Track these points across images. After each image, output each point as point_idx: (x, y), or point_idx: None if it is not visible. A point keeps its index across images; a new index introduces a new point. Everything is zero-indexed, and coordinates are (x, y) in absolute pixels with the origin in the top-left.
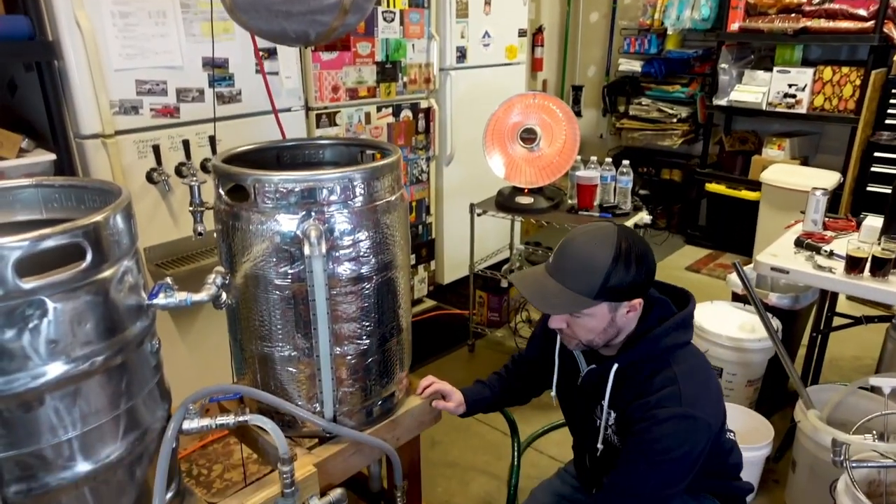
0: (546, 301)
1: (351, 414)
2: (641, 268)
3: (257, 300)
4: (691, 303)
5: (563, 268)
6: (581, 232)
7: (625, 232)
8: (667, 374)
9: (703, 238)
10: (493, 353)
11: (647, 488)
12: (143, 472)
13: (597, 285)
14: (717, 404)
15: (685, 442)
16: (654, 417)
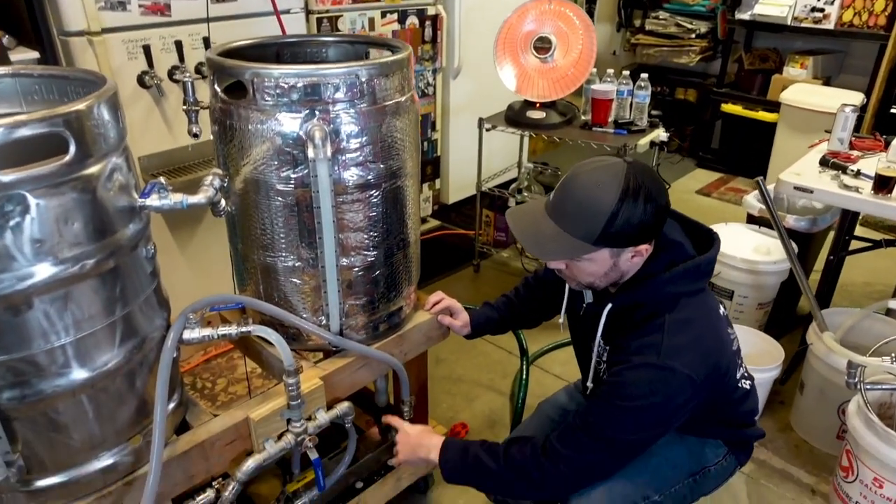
0: (539, 245)
1: (357, 328)
2: (650, 211)
3: (258, 207)
4: (713, 248)
5: (562, 208)
6: (586, 168)
7: (635, 169)
8: (657, 321)
9: (715, 161)
10: (498, 273)
11: (611, 431)
12: (144, 382)
13: (597, 230)
14: (707, 359)
15: (655, 392)
16: (629, 362)
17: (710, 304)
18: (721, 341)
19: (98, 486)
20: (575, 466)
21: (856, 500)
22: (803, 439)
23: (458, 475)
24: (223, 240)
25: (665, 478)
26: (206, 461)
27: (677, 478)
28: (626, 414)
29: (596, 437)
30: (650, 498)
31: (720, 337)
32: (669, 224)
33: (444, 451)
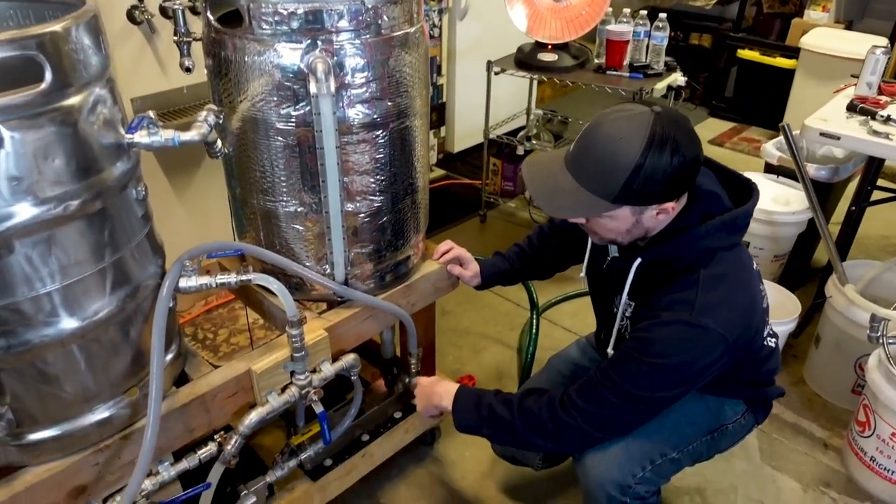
0: (554, 201)
1: (363, 277)
2: (677, 167)
3: (257, 148)
4: (752, 199)
5: (581, 161)
6: (609, 118)
7: (664, 120)
8: (691, 277)
9: (728, 110)
10: (505, 224)
11: (635, 387)
12: (139, 332)
13: (617, 187)
14: (742, 318)
15: (685, 350)
16: (659, 318)
17: (745, 259)
18: (755, 299)
19: (94, 440)
20: (593, 421)
21: (871, 454)
22: (816, 393)
23: (470, 424)
24: (222, 185)
25: (683, 435)
26: (207, 414)
27: (695, 435)
28: (652, 371)
29: (617, 393)
30: (668, 455)
31: (754, 294)
32: (704, 173)
33: (457, 399)
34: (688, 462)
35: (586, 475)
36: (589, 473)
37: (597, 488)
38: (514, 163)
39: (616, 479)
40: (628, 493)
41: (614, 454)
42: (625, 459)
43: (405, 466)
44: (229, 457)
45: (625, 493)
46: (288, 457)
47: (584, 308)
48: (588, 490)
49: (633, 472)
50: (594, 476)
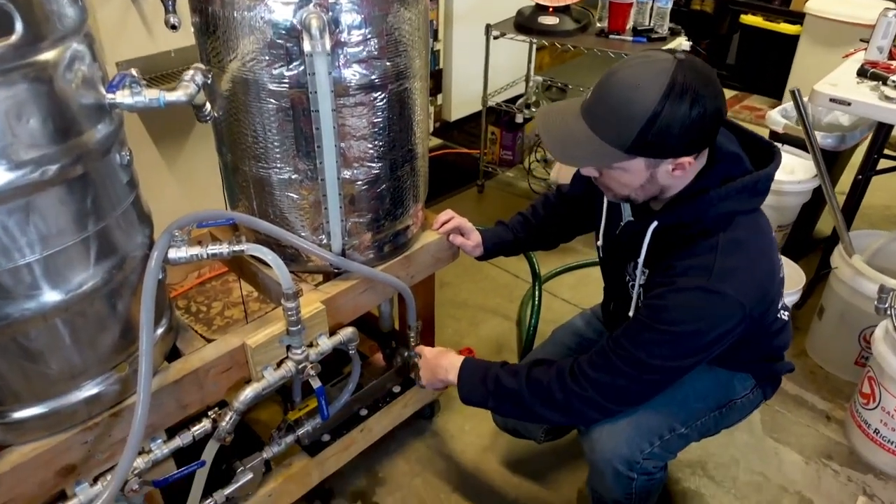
0: (566, 149)
1: (361, 248)
2: (696, 119)
3: (248, 111)
4: (774, 162)
5: (596, 109)
6: (628, 64)
7: (685, 68)
8: (709, 241)
9: (730, 78)
10: (503, 194)
11: (648, 356)
12: (127, 306)
13: (630, 137)
14: (761, 285)
15: (701, 318)
16: (674, 284)
17: (765, 225)
18: (774, 267)
19: (82, 418)
20: (604, 391)
21: (875, 427)
22: (819, 365)
23: (475, 396)
24: (214, 152)
25: (692, 409)
26: (201, 390)
27: (704, 410)
28: (666, 339)
29: (630, 362)
30: (676, 430)
31: (773, 262)
32: (725, 135)
33: (462, 372)
34: (696, 437)
35: (593, 450)
36: (596, 448)
37: (604, 464)
38: (512, 131)
39: (624, 454)
40: (636, 468)
41: (622, 428)
42: (633, 434)
43: (404, 440)
44: (224, 434)
45: (632, 468)
46: (285, 432)
47: (585, 280)
48: (594, 465)
49: (642, 447)
50: (601, 451)
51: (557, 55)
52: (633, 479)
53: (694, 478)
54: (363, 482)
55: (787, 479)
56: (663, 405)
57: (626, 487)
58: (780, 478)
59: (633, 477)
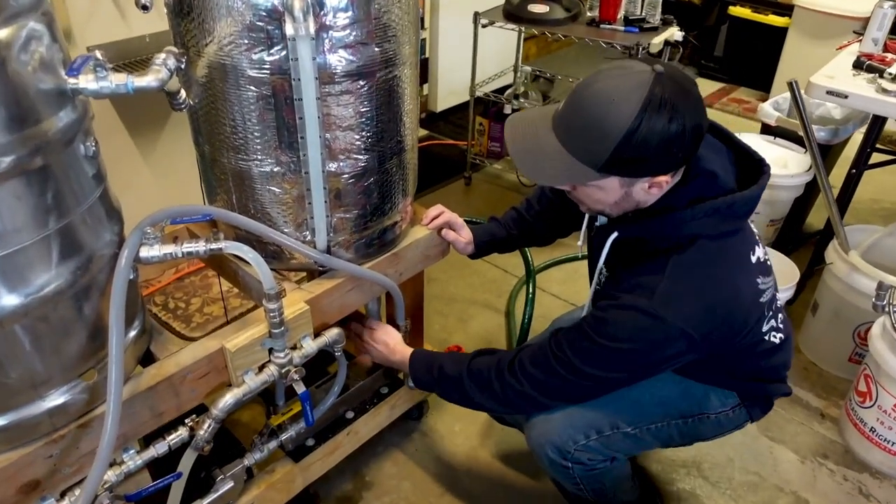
0: (535, 165)
1: (347, 244)
2: (674, 136)
3: (227, 99)
4: (758, 184)
5: (568, 123)
6: (603, 76)
7: (664, 82)
8: (661, 261)
9: (718, 71)
10: (491, 186)
11: (584, 364)
12: (95, 308)
13: (604, 156)
14: (713, 312)
15: (638, 339)
16: (618, 300)
17: (736, 248)
18: (738, 293)
19: (46, 430)
20: (538, 388)
21: (871, 425)
22: (812, 362)
23: (425, 385)
24: (192, 145)
25: (644, 413)
26: (177, 397)
27: (661, 415)
28: (602, 352)
29: (566, 366)
30: (621, 429)
31: (737, 288)
32: (713, 147)
33: (412, 363)
34: (653, 442)
35: (529, 435)
36: (531, 434)
37: (538, 448)
38: (501, 122)
39: (555, 442)
40: (568, 457)
41: (558, 419)
42: (566, 425)
43: (392, 442)
44: (202, 443)
45: (565, 457)
46: (267, 438)
47: (574, 275)
48: (533, 451)
49: (575, 438)
50: (535, 437)
51: (544, 45)
52: (569, 467)
53: (689, 478)
54: (349, 486)
55: (783, 478)
56: (610, 403)
57: (564, 474)
58: (775, 477)
59: (567, 465)
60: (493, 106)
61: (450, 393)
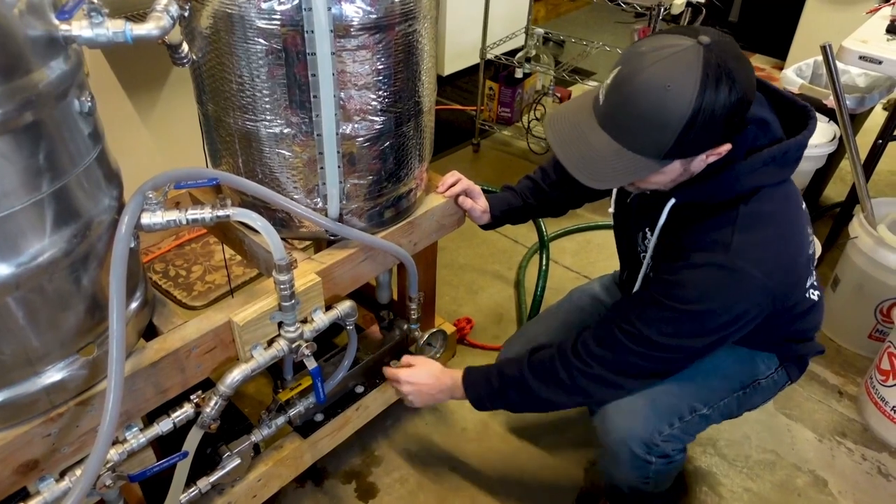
0: (591, 169)
1: (360, 212)
2: (736, 104)
3: (233, 53)
4: (808, 128)
5: (619, 119)
6: (648, 61)
7: (715, 54)
8: (729, 214)
9: (733, 37)
10: (500, 154)
11: (658, 335)
12: (94, 279)
13: (668, 144)
14: (786, 262)
15: (717, 297)
16: (689, 259)
17: (794, 196)
18: (802, 242)
19: (44, 408)
20: (610, 367)
21: (893, 404)
22: (829, 338)
23: (486, 400)
24: (195, 105)
25: (714, 389)
26: (182, 373)
27: (727, 390)
28: (677, 318)
29: (637, 340)
30: (698, 411)
31: (801, 236)
32: (756, 97)
33: (466, 386)
34: (717, 419)
35: (607, 431)
36: (611, 429)
37: (618, 445)
38: (511, 86)
39: (641, 435)
40: (654, 451)
41: (639, 407)
42: (651, 415)
43: (401, 416)
44: (209, 420)
45: (650, 450)
46: (275, 414)
47: (587, 246)
48: (608, 447)
49: (660, 428)
50: (616, 431)
51: (553, 8)
52: (651, 462)
53: (705, 456)
54: (358, 461)
55: (801, 457)
56: (683, 385)
57: (642, 471)
58: (793, 456)
59: (650, 461)
60: (504, 70)
61: (515, 399)
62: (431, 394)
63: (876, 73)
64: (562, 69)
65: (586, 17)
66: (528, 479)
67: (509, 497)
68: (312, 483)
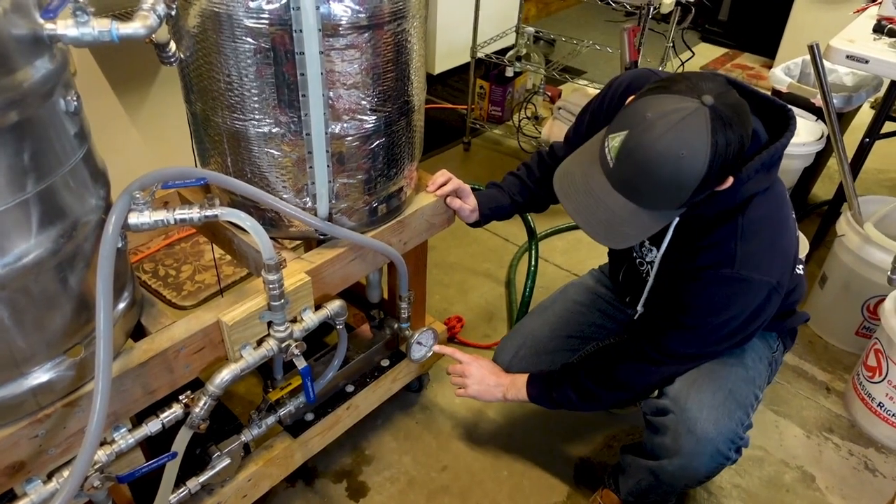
0: (615, 233)
1: (350, 212)
2: (738, 147)
3: (221, 52)
4: (789, 129)
5: (634, 185)
6: (658, 129)
7: (719, 106)
8: (730, 226)
9: (722, 35)
10: (490, 152)
11: (686, 349)
12: (81, 279)
13: (685, 197)
14: (785, 257)
15: (732, 305)
16: (698, 277)
17: (779, 187)
18: (792, 231)
19: (30, 409)
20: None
21: (879, 400)
22: (817, 335)
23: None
24: (184, 104)
25: (759, 372)
26: (170, 373)
27: (763, 369)
28: (698, 334)
29: (681, 360)
30: (758, 396)
31: (790, 226)
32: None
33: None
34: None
35: (691, 429)
36: (697, 427)
37: (704, 444)
38: (502, 85)
39: (730, 428)
40: (738, 442)
41: (721, 402)
42: (734, 407)
43: (392, 415)
44: (198, 421)
45: (734, 443)
46: (265, 413)
47: (577, 245)
48: (689, 446)
49: (742, 420)
50: (703, 429)
51: (543, 7)
52: (731, 459)
53: None
54: (349, 460)
55: (789, 453)
56: (740, 373)
57: (713, 471)
58: (781, 452)
59: (730, 457)
60: (495, 68)
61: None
62: (489, 386)
63: (863, 73)
64: (552, 68)
65: (577, 15)
66: (519, 474)
67: (500, 492)
68: (303, 482)
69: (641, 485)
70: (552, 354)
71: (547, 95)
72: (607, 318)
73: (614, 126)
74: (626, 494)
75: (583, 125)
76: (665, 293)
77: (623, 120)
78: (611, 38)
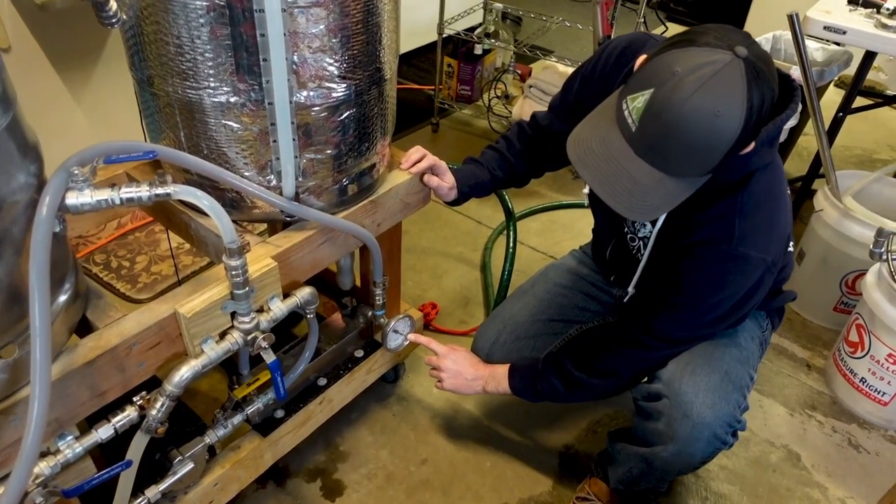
0: (641, 204)
1: (319, 191)
2: (770, 104)
3: (170, 11)
4: (793, 102)
5: (661, 149)
6: (689, 85)
7: (752, 59)
8: (730, 201)
9: (687, 14)
10: (460, 133)
11: (680, 332)
12: (10, 270)
13: (714, 163)
14: (780, 234)
15: (727, 284)
16: (693, 254)
17: (780, 166)
18: (788, 208)
19: None
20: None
21: (862, 376)
22: (795, 311)
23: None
24: (130, 79)
25: (752, 352)
26: (122, 373)
27: (755, 349)
28: (690, 315)
29: (661, 339)
30: (752, 376)
31: (787, 203)
32: None
33: (513, 387)
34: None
35: (687, 414)
36: (693, 411)
37: (701, 428)
38: (471, 63)
39: (727, 411)
40: (735, 426)
41: (717, 383)
42: (725, 393)
43: (367, 408)
44: (156, 424)
45: (731, 426)
46: (231, 412)
47: (552, 226)
48: (685, 431)
49: (738, 402)
50: (700, 413)
51: None
52: (727, 443)
53: None
54: (322, 457)
55: (773, 432)
56: (734, 355)
57: (709, 457)
58: (766, 432)
59: (727, 441)
60: (463, 46)
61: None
62: (467, 379)
63: (833, 48)
64: (522, 45)
65: None
66: (502, 465)
67: (483, 485)
68: (274, 484)
69: (633, 472)
70: (534, 339)
71: (517, 73)
72: (591, 299)
73: (634, 85)
74: (615, 482)
75: (571, 92)
76: (657, 272)
77: (645, 78)
78: (578, 15)
